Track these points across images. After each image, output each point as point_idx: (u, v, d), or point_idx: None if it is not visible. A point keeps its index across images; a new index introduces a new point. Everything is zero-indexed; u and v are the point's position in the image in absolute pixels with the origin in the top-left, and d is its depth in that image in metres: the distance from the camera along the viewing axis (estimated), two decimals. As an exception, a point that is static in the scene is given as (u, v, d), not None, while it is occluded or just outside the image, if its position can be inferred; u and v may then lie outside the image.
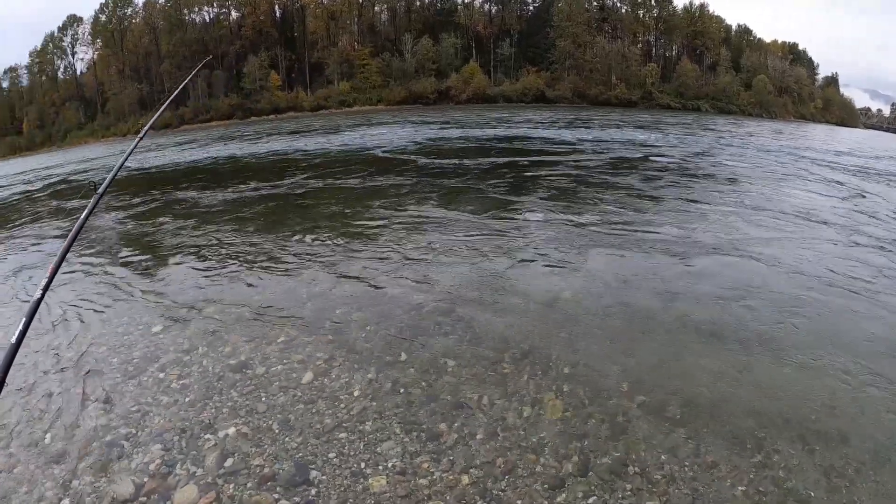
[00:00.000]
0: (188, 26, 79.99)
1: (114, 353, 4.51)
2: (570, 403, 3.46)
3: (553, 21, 75.83)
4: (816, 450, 3.04)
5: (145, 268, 6.83)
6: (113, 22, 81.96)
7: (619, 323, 4.59)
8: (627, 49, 75.05)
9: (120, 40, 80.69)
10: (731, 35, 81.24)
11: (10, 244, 8.93)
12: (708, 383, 3.64)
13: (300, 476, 2.96)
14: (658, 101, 70.33)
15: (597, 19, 77.87)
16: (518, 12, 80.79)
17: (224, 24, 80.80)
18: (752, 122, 51.19)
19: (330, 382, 3.83)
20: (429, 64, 74.62)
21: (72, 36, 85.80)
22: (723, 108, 69.92)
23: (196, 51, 76.51)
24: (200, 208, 10.57)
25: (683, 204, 9.18)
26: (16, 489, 3.04)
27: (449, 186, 10.92)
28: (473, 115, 43.94)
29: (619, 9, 79.84)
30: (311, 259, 6.63)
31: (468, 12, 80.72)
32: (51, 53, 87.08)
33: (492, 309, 4.87)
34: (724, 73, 74.47)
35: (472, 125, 30.88)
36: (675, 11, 79.10)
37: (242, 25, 79.33)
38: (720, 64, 75.71)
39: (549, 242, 6.84)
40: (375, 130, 29.60)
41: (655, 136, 24.54)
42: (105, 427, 3.52)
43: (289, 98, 74.78)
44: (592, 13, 77.79)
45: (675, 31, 78.38)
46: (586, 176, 11.92)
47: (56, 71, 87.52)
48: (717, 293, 5.15)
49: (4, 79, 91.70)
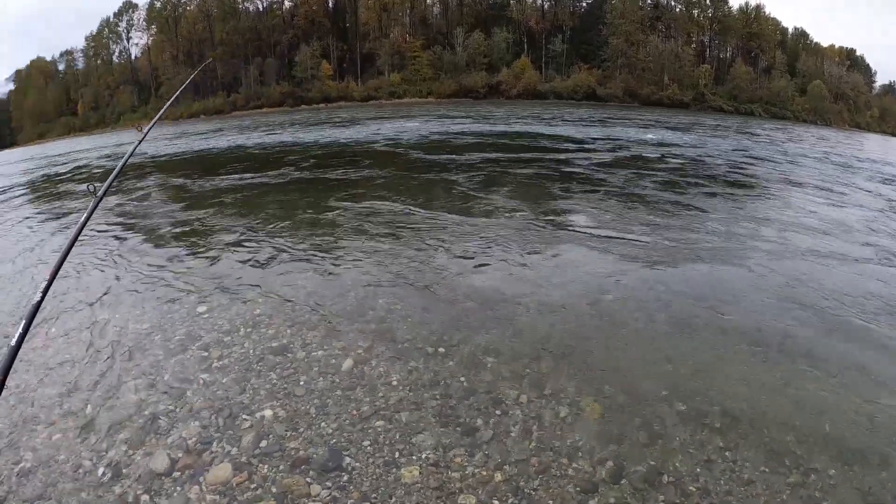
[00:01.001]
0: (241, 14, 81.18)
1: (157, 330, 4.62)
2: (608, 407, 3.41)
3: (606, 18, 74.73)
4: (854, 471, 2.94)
5: (192, 250, 6.96)
6: (168, 9, 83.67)
7: (661, 328, 4.51)
8: (681, 49, 73.41)
9: (174, 27, 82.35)
10: (787, 38, 78.72)
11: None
12: (748, 394, 3.55)
13: (333, 462, 2.97)
14: (710, 103, 68.58)
15: (650, 17, 76.41)
16: (571, 8, 79.92)
17: (277, 14, 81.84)
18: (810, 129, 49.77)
19: (369, 371, 3.85)
20: (480, 58, 74.41)
21: (127, 21, 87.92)
22: (776, 113, 67.70)
23: (249, 39, 77.84)
24: (248, 194, 10.74)
25: (734, 211, 8.98)
26: (54, 456, 3.13)
27: (497, 184, 10.84)
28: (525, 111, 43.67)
29: (673, 8, 78.18)
30: (356, 249, 6.68)
31: (520, 7, 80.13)
32: (106, 38, 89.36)
33: (535, 307, 4.83)
34: (779, 77, 72.10)
35: (527, 122, 30.69)
36: (731, 12, 76.98)
37: (295, 15, 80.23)
38: (775, 67, 73.38)
39: (594, 244, 6.75)
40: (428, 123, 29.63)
41: (710, 140, 24.04)
42: (144, 401, 3.60)
43: (339, 88, 75.43)
44: (646, 11, 76.38)
45: (730, 32, 76.36)
46: (633, 179, 11.73)
47: (111, 55, 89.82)
48: (762, 303, 5.03)
49: (61, 61, 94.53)
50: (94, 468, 3.01)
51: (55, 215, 10.19)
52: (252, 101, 74.27)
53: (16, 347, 1.74)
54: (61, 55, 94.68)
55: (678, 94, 69.54)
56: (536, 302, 4.94)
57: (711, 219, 8.18)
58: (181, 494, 2.80)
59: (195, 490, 2.82)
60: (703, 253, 6.43)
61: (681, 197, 9.84)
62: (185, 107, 74.91)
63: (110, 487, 2.87)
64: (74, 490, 2.87)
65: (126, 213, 9.78)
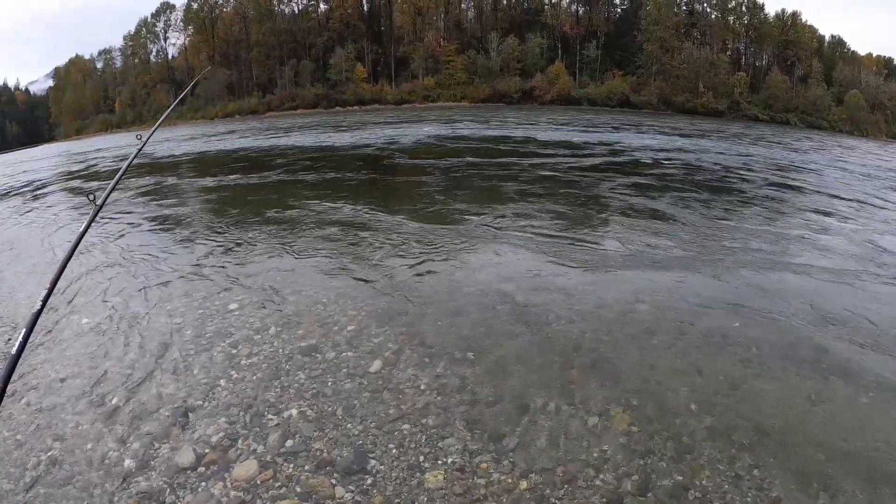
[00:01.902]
0: (277, 16, 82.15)
1: (188, 325, 4.67)
2: (637, 418, 3.35)
3: (641, 24, 74.20)
4: (885, 494, 2.84)
5: (224, 248, 7.05)
6: (204, 10, 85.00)
7: (693, 340, 4.43)
8: (716, 56, 72.48)
9: (211, 27, 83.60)
10: (823, 46, 77.25)
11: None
12: (778, 411, 3.46)
13: (358, 464, 2.97)
14: (745, 111, 67.55)
15: (685, 24, 75.67)
16: (605, 14, 79.50)
17: (312, 16, 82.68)
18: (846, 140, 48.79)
19: (397, 373, 3.84)
20: (514, 63, 74.39)
21: (164, 22, 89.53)
22: (812, 122, 66.24)
23: (284, 41, 78.77)
24: (283, 195, 10.85)
25: (770, 223, 8.81)
26: (80, 445, 3.17)
27: (531, 190, 10.83)
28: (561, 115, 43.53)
29: (708, 14, 77.28)
30: (390, 250, 6.72)
31: (555, 12, 79.96)
32: (144, 38, 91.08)
33: (566, 315, 4.79)
34: (816, 86, 70.63)
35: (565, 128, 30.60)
36: (767, 19, 75.93)
37: (330, 18, 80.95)
38: (811, 76, 72.02)
39: (628, 253, 6.69)
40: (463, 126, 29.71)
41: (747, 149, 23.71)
42: (172, 395, 3.64)
43: (373, 90, 75.95)
44: (681, 18, 75.67)
45: (766, 40, 75.15)
46: (668, 188, 11.62)
47: (148, 54, 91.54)
48: (796, 318, 4.91)
49: (99, 59, 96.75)
50: (121, 459, 3.05)
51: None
52: (287, 102, 75.09)
53: (16, 356, 1.75)
54: (99, 54, 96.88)
55: (713, 102, 68.55)
56: (567, 309, 4.90)
57: (746, 230, 8.04)
58: (205, 490, 2.82)
59: (219, 486, 2.83)
60: (736, 264, 6.32)
61: (716, 207, 9.71)
62: (220, 107, 76.09)
63: (136, 479, 2.90)
64: (100, 480, 2.90)
65: (160, 210, 9.94)
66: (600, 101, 69.75)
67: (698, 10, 77.21)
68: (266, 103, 75.24)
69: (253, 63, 79.94)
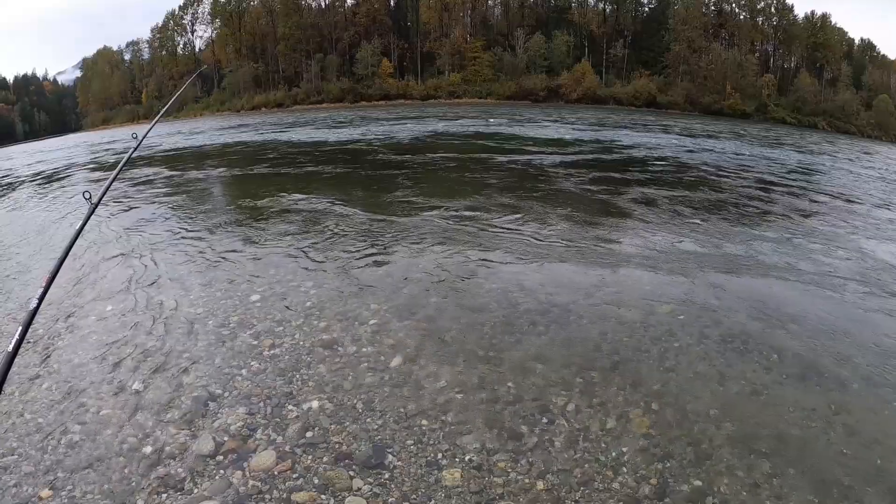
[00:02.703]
0: (304, 10, 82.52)
1: (211, 315, 4.72)
2: (656, 422, 3.32)
3: (668, 24, 73.51)
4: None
5: (248, 239, 7.12)
6: (232, 3, 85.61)
7: (714, 345, 4.38)
8: (744, 58, 71.51)
9: (238, 21, 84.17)
10: (853, 49, 75.77)
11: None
12: (799, 420, 3.41)
13: (376, 458, 2.98)
14: (773, 114, 66.45)
15: (713, 24, 74.79)
16: (633, 13, 78.82)
17: (339, 11, 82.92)
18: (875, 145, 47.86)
19: (418, 369, 3.85)
20: (540, 60, 74.06)
21: (192, 15, 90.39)
22: (840, 126, 64.69)
23: (311, 35, 79.10)
24: (306, 187, 10.93)
25: (798, 229, 8.64)
26: (101, 431, 3.21)
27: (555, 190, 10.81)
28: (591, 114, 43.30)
29: (737, 15, 76.25)
30: (413, 245, 6.75)
31: (582, 10, 79.51)
32: (171, 30, 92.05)
33: (587, 315, 4.78)
34: (844, 90, 69.15)
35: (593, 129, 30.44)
36: (796, 20, 74.78)
37: (357, 13, 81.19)
38: (840, 80, 70.65)
39: (651, 255, 6.64)
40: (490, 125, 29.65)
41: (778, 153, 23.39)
42: (193, 384, 3.68)
43: (399, 86, 76.09)
44: (709, 17, 74.81)
45: (795, 42, 74.02)
46: (694, 191, 11.51)
47: (175, 47, 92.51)
48: (820, 325, 4.83)
49: (127, 51, 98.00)
50: (140, 445, 3.09)
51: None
52: (313, 95, 75.49)
53: (12, 354, 1.77)
54: (127, 45, 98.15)
55: (740, 104, 67.57)
56: (589, 310, 4.88)
57: (772, 236, 7.92)
58: (224, 478, 2.84)
59: (238, 475, 2.86)
60: (761, 270, 6.25)
61: (742, 211, 9.58)
62: (246, 99, 76.67)
63: (155, 465, 2.94)
64: (119, 465, 2.94)
65: (185, 200, 10.05)
66: (626, 100, 69.13)
67: (727, 10, 76.21)
68: (292, 97, 75.68)
69: (279, 56, 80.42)
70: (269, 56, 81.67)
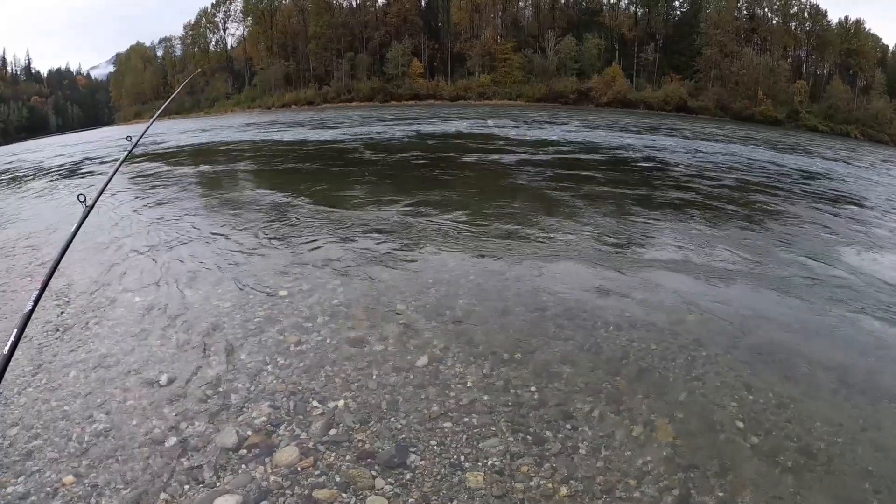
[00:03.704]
0: (335, 10, 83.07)
1: (238, 309, 4.76)
2: (681, 431, 3.28)
3: (700, 28, 72.67)
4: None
5: (276, 235, 7.17)
6: (264, 1, 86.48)
7: (742, 354, 4.31)
8: (776, 63, 70.36)
9: (269, 19, 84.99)
10: (887, 56, 74.06)
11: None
12: (826, 434, 3.34)
13: (399, 458, 2.98)
14: (805, 122, 65.17)
15: (745, 29, 73.74)
16: (665, 16, 78.11)
17: (370, 10, 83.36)
18: None
19: (444, 370, 3.85)
20: (570, 63, 73.71)
21: (224, 12, 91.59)
22: (873, 135, 63.01)
23: (342, 34, 79.64)
24: (335, 184, 11.00)
25: (835, 239, 8.47)
26: (126, 421, 3.25)
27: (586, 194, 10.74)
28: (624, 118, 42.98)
29: (769, 19, 75.11)
30: (441, 244, 6.77)
31: (613, 13, 79.02)
32: (203, 27, 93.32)
33: (615, 321, 4.72)
34: (878, 98, 67.37)
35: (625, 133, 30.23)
36: (829, 26, 73.39)
37: (388, 12, 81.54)
38: (874, 87, 68.90)
39: (681, 262, 6.59)
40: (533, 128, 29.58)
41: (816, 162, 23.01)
42: (219, 378, 3.71)
43: (429, 86, 76.25)
44: (742, 22, 73.80)
45: (828, 48, 72.65)
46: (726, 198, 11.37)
47: (207, 44, 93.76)
48: (850, 338, 4.75)
49: (159, 48, 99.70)
50: (165, 437, 3.12)
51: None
52: (343, 94, 75.96)
53: (8, 356, 1.78)
54: (160, 41, 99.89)
55: (771, 110, 66.46)
56: (617, 315, 4.84)
57: (806, 248, 7.76)
58: (246, 472, 2.86)
59: (260, 470, 2.88)
60: (792, 280, 6.15)
61: (779, 222, 9.42)
62: (277, 97, 77.39)
63: (178, 457, 2.96)
64: (143, 456, 2.96)
65: (214, 196, 10.16)
66: (657, 105, 68.46)
67: (759, 14, 75.15)
68: (322, 95, 76.22)
69: (310, 55, 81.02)
70: (300, 54, 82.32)
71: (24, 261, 6.50)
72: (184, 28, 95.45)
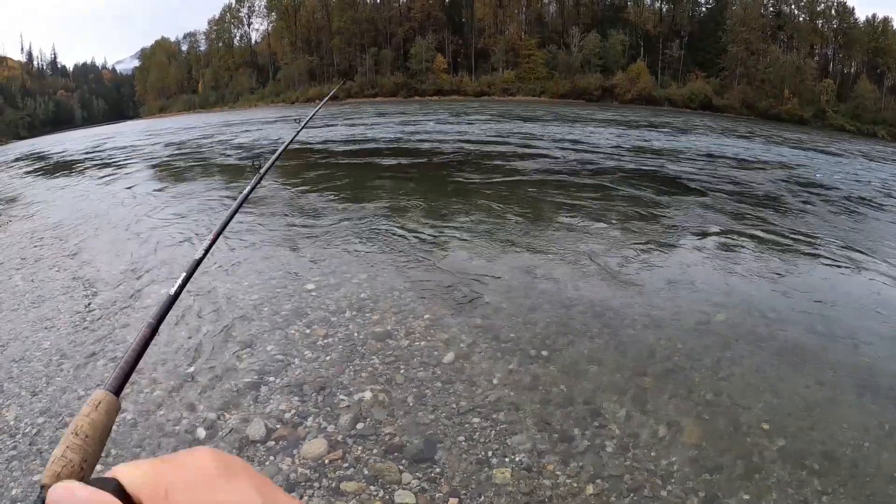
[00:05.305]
0: (359, 5, 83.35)
1: (266, 303, 4.81)
2: (708, 432, 3.27)
3: (726, 24, 71.81)
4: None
5: (304, 230, 7.24)
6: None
7: (769, 357, 4.28)
8: (802, 61, 69.24)
9: (293, 15, 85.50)
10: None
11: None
12: (851, 438, 3.31)
13: (427, 452, 3.00)
14: (832, 121, 64.03)
15: (772, 26, 72.71)
16: (690, 13, 77.36)
17: (394, 6, 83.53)
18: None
19: (471, 366, 3.86)
20: (595, 59, 73.39)
21: (248, 8, 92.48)
22: None
23: (366, 29, 79.97)
24: (363, 181, 11.08)
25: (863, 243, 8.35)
26: (154, 411, 3.31)
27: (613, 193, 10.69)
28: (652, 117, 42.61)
29: (796, 17, 73.95)
30: (469, 241, 6.80)
31: (638, 9, 78.47)
32: (228, 23, 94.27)
33: (642, 320, 4.72)
34: None
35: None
36: (857, 24, 72.14)
37: (411, 8, 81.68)
38: (902, 87, 67.94)
39: (708, 262, 6.55)
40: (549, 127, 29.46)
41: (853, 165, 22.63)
42: (246, 370, 3.76)
43: (453, 81, 76.45)
44: (768, 19, 72.79)
45: (855, 46, 71.43)
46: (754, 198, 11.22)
47: (232, 39, 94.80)
48: (877, 342, 4.67)
49: (184, 42, 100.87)
50: (193, 427, 3.17)
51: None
52: (367, 89, 76.30)
53: (173, 297, 1.84)
54: (184, 37, 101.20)
55: (798, 109, 65.42)
56: (644, 315, 4.82)
57: (835, 250, 7.63)
58: (273, 464, 2.90)
59: (287, 461, 2.92)
60: (819, 282, 6.08)
61: (807, 223, 9.27)
62: (301, 91, 77.88)
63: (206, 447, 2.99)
64: (171, 446, 3.02)
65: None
66: (681, 102, 67.95)
67: (786, 11, 74.10)
68: (346, 90, 76.60)
69: (334, 50, 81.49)
70: (323, 49, 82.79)
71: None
72: (208, 23, 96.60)
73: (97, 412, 0.51)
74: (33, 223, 8.64)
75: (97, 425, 0.50)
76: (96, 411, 0.51)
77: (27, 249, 7.02)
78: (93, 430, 0.49)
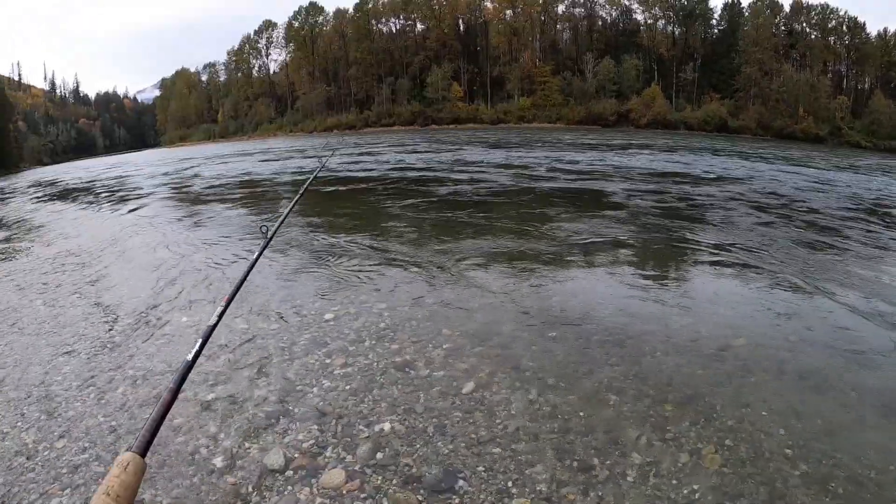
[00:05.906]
0: (375, 36, 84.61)
1: (283, 331, 4.85)
2: (729, 459, 3.23)
3: (739, 45, 71.87)
4: None
5: (318, 258, 7.31)
6: (305, 28, 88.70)
7: (790, 380, 4.23)
8: (816, 79, 68.97)
9: (311, 45, 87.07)
10: (930, 69, 72.14)
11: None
12: (877, 463, 3.23)
13: (446, 483, 2.99)
14: (847, 138, 63.51)
15: (784, 45, 72.72)
16: (702, 35, 77.59)
17: (409, 36, 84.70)
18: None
19: (490, 396, 3.85)
20: (609, 85, 73.78)
21: (266, 39, 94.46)
22: None
23: (382, 59, 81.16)
24: (378, 210, 11.17)
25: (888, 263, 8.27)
26: (173, 438, 3.33)
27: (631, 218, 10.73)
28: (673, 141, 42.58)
29: (808, 35, 73.92)
30: (487, 268, 6.81)
31: (651, 34, 78.83)
32: (247, 53, 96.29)
33: (661, 347, 4.68)
34: None
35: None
36: (869, 39, 71.86)
37: (427, 37, 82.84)
38: (918, 101, 67.15)
39: (727, 284, 6.53)
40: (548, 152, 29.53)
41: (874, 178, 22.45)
42: (265, 399, 3.77)
43: (469, 109, 77.23)
44: (780, 38, 72.78)
45: (868, 61, 71.05)
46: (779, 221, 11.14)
47: (251, 69, 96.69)
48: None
49: (204, 72, 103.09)
50: (210, 456, 3.18)
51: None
52: (384, 118, 77.22)
53: (191, 363, 1.93)
54: (204, 67, 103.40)
55: (813, 128, 65.04)
56: (664, 341, 4.79)
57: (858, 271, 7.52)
58: (291, 494, 2.90)
59: (305, 492, 2.91)
60: (842, 302, 5.99)
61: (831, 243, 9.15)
62: (318, 121, 78.92)
63: (223, 476, 3.02)
64: (188, 474, 3.03)
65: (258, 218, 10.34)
66: (697, 125, 67.93)
67: (797, 29, 74.07)
68: (363, 119, 77.61)
69: (351, 80, 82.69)
70: (341, 79, 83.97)
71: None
72: (227, 54, 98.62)
73: (126, 473, 0.54)
74: (55, 249, 8.81)
75: (127, 486, 0.53)
76: (125, 472, 0.54)
77: (49, 275, 7.17)
78: (123, 490, 0.52)
